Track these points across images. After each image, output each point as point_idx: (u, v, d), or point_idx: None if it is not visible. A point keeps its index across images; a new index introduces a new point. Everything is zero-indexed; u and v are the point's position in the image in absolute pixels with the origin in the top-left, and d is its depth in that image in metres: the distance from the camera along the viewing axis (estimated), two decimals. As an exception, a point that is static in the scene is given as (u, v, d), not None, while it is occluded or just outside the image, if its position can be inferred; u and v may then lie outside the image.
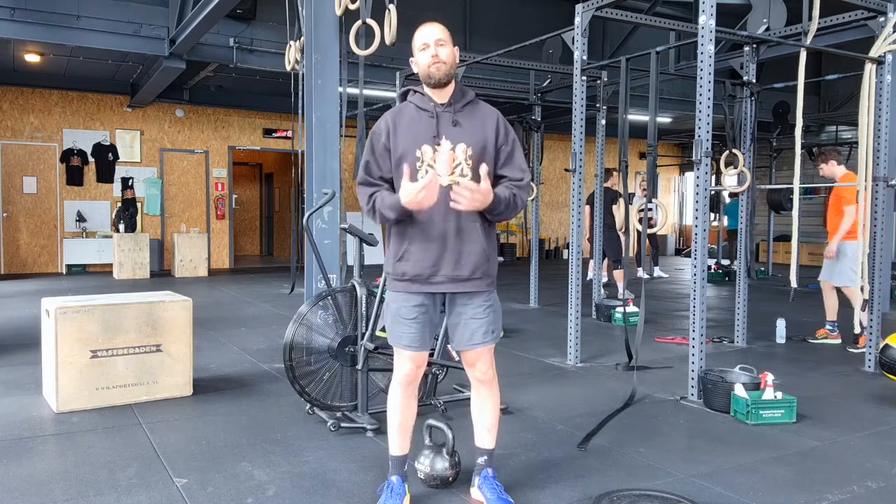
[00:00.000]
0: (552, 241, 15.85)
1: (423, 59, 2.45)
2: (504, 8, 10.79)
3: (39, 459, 3.08)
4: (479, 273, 2.48)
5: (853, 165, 5.45)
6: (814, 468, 3.07)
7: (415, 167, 2.41)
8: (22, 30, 7.67)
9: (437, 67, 2.43)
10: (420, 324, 2.50)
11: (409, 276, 2.47)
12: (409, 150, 2.44)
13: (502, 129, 2.52)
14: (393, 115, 2.52)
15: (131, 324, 3.95)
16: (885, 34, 4.79)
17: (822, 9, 4.78)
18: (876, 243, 4.91)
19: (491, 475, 2.66)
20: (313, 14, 4.75)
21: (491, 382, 2.63)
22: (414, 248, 2.45)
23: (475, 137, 2.46)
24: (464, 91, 2.54)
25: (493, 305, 2.55)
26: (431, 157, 2.42)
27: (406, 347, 2.52)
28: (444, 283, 2.46)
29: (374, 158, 2.50)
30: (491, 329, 2.53)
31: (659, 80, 4.63)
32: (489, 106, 2.59)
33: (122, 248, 10.75)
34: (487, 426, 2.67)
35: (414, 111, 2.50)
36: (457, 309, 2.52)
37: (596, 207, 7.52)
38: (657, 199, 4.99)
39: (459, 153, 2.43)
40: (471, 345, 2.52)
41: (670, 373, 4.83)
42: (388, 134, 2.48)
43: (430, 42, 2.44)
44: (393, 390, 2.61)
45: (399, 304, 2.51)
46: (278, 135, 13.24)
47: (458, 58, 2.52)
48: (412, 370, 2.55)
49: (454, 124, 2.46)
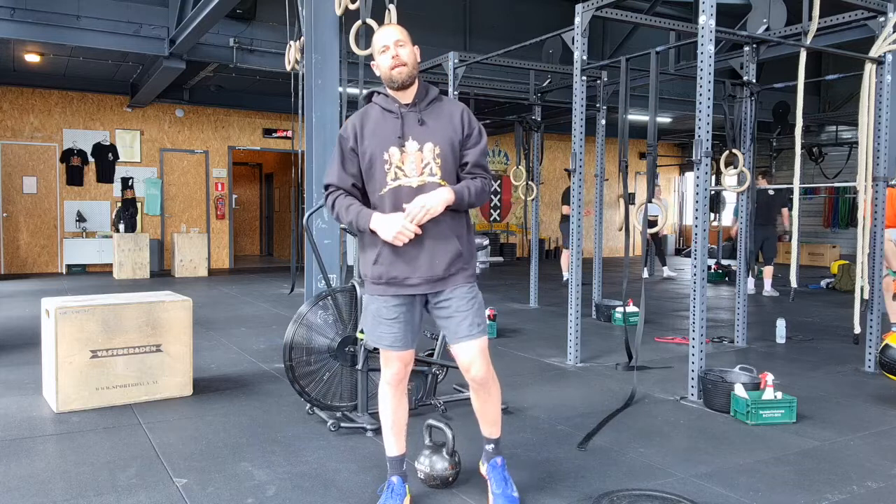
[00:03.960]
0: (552, 241, 15.85)
1: (384, 61, 2.43)
2: (504, 8, 10.79)
3: (39, 459, 3.08)
4: (455, 269, 2.46)
5: (853, 165, 5.45)
6: (814, 468, 3.07)
7: (384, 170, 2.42)
8: (22, 30, 7.67)
9: (398, 71, 2.41)
10: (401, 322, 2.48)
11: (386, 280, 2.46)
12: (377, 152, 2.43)
13: (467, 121, 2.50)
14: (359, 118, 2.50)
15: (131, 324, 3.95)
16: (885, 34, 4.79)
17: (822, 9, 4.78)
18: (876, 243, 4.91)
19: (500, 464, 2.64)
20: (313, 14, 4.75)
21: (486, 384, 2.56)
22: (387, 252, 2.44)
23: (442, 135, 2.45)
24: (427, 89, 2.52)
25: (476, 298, 2.51)
26: (399, 159, 2.41)
27: (390, 348, 2.50)
28: (421, 285, 2.45)
29: (341, 162, 2.49)
30: (476, 322, 2.47)
31: (659, 80, 4.63)
32: (454, 100, 2.58)
33: (122, 248, 10.75)
34: (492, 420, 2.66)
35: (379, 113, 2.49)
36: (440, 304, 2.49)
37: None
38: (657, 198, 4.99)
39: (427, 153, 2.42)
40: (458, 338, 2.47)
41: (670, 373, 4.83)
42: (355, 137, 2.47)
43: (389, 44, 2.42)
44: (382, 391, 2.60)
45: (378, 305, 2.50)
46: (278, 135, 13.24)
47: (419, 57, 2.48)
48: (400, 369, 2.54)
49: (420, 123, 2.45)
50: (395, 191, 2.41)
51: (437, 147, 2.43)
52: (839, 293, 9.54)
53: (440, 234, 2.42)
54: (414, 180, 2.40)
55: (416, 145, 2.42)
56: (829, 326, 6.83)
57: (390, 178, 2.41)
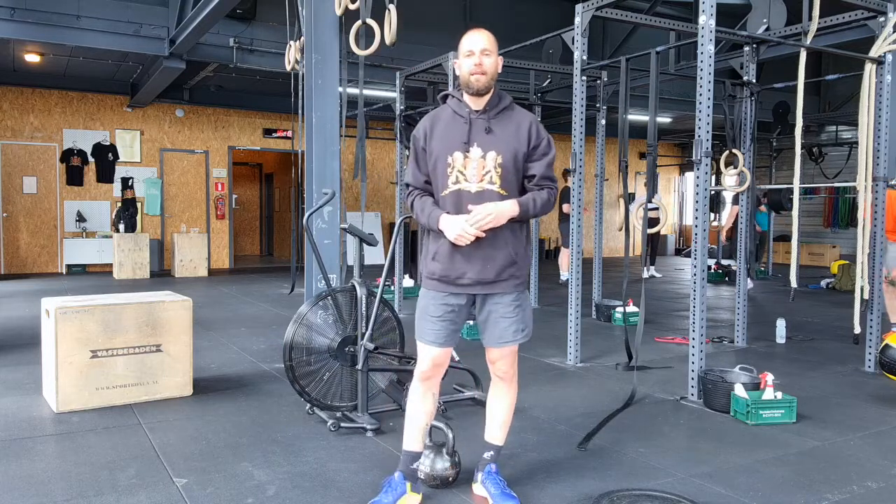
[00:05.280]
0: (552, 241, 15.84)
1: (466, 65, 2.48)
2: (504, 8, 10.79)
3: (39, 459, 3.08)
4: (506, 275, 2.53)
5: (853, 165, 5.45)
6: (814, 468, 3.07)
7: (446, 173, 2.49)
8: (22, 30, 7.67)
9: (477, 78, 2.46)
10: (445, 322, 2.55)
11: (438, 276, 2.54)
12: (442, 155, 2.50)
13: (535, 132, 2.53)
14: (431, 119, 2.58)
15: (131, 324, 3.95)
16: (885, 34, 4.79)
17: (822, 9, 4.78)
18: (876, 243, 4.91)
19: (494, 471, 2.70)
20: (313, 14, 4.74)
21: (511, 380, 2.69)
22: (443, 251, 2.52)
23: (507, 145, 2.49)
24: (500, 96, 2.56)
25: (522, 305, 2.60)
26: (462, 164, 2.47)
27: (430, 343, 2.57)
28: (472, 285, 2.52)
29: (416, 161, 2.59)
30: (521, 328, 2.59)
31: (659, 80, 4.63)
32: (525, 111, 2.61)
33: (122, 248, 10.74)
34: (500, 422, 2.72)
35: (450, 116, 2.55)
36: (487, 307, 2.57)
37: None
38: (658, 198, 4.99)
39: (489, 161, 2.47)
40: (501, 343, 2.58)
41: (670, 373, 4.83)
42: (425, 137, 2.55)
43: (475, 50, 2.46)
44: (413, 384, 2.68)
45: (427, 301, 2.58)
46: (278, 135, 13.24)
47: (500, 68, 2.53)
48: (430, 367, 2.60)
49: (487, 131, 2.49)
50: (455, 194, 2.48)
51: (500, 156, 2.47)
52: (839, 293, 9.53)
53: (498, 241, 2.49)
54: (473, 186, 2.46)
55: (479, 152, 2.47)
56: (829, 326, 6.83)
57: (451, 181, 2.48)
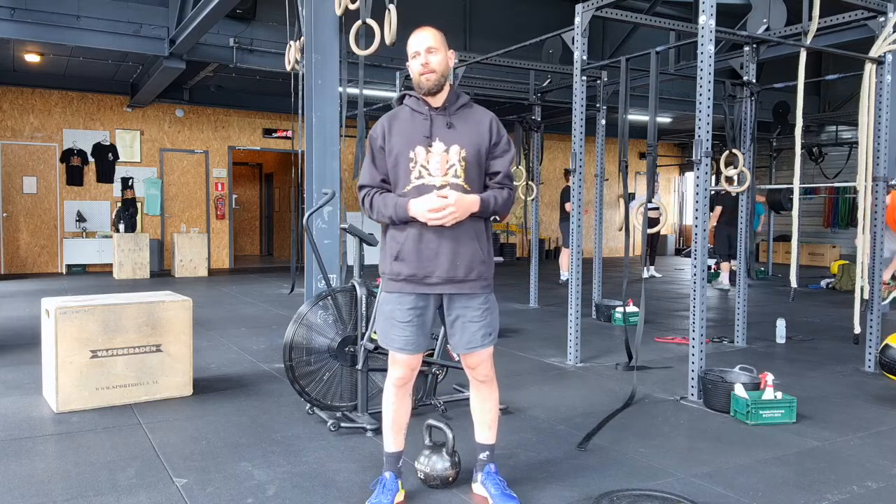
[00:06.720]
0: (552, 241, 15.85)
1: (415, 67, 2.47)
2: (504, 8, 10.79)
3: (39, 459, 3.08)
4: (475, 275, 2.49)
5: (853, 165, 5.45)
6: (814, 468, 3.07)
7: (408, 168, 2.45)
8: (22, 30, 7.67)
9: (426, 78, 2.45)
10: (414, 326, 2.50)
11: (405, 276, 2.48)
12: (403, 150, 2.47)
13: (495, 129, 2.54)
14: (388, 118, 2.55)
15: (131, 324, 3.95)
16: (885, 34, 4.79)
17: (822, 9, 4.78)
18: (876, 243, 4.91)
19: (493, 471, 2.69)
20: (313, 14, 4.75)
21: (490, 382, 2.66)
22: (409, 248, 2.46)
23: (469, 139, 2.48)
24: (458, 94, 2.56)
25: (490, 307, 2.56)
26: (424, 159, 2.45)
27: (399, 350, 2.53)
28: (440, 284, 2.47)
29: (372, 160, 2.54)
30: (489, 332, 2.55)
31: (659, 80, 4.63)
32: (483, 108, 2.61)
33: (122, 248, 10.74)
34: (487, 423, 2.70)
35: (409, 114, 2.53)
36: (455, 311, 2.53)
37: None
38: (658, 198, 4.99)
39: (453, 155, 2.45)
40: (470, 348, 2.54)
41: (670, 373, 4.83)
42: (383, 136, 2.51)
43: (420, 50, 2.45)
44: (387, 390, 2.63)
45: (392, 307, 2.52)
46: (278, 135, 13.24)
47: (452, 62, 2.52)
48: (405, 373, 2.57)
49: (448, 126, 2.48)
50: (418, 188, 2.45)
51: (464, 150, 2.46)
52: (839, 293, 9.53)
53: (462, 235, 2.46)
54: (437, 179, 2.43)
55: (442, 146, 2.46)
56: (829, 326, 6.83)
57: (414, 175, 2.45)
